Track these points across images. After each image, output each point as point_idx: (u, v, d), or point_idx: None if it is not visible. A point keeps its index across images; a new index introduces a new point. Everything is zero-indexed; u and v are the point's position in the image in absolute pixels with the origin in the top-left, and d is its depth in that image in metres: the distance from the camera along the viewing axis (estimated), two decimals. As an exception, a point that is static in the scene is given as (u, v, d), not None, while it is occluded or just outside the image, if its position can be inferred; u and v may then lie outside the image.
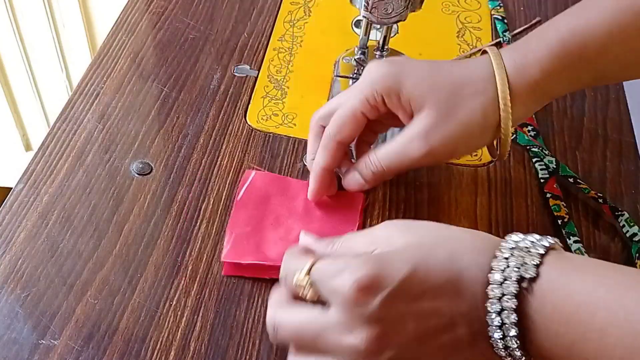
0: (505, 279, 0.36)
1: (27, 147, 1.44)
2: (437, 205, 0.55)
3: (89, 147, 0.58)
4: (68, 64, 1.30)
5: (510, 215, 0.55)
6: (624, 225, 0.53)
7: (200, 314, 0.47)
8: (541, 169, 0.57)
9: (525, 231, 0.53)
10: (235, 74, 0.65)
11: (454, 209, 0.55)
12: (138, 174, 0.56)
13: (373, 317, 0.36)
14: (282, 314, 0.41)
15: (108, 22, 0.82)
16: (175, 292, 0.48)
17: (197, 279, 0.49)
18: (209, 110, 0.61)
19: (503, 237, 0.39)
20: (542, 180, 0.57)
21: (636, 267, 0.51)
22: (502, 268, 0.36)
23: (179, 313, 0.47)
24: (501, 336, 0.36)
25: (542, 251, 0.36)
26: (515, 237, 0.38)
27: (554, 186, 0.56)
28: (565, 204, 0.55)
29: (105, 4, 1.20)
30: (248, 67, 0.66)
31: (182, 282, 0.49)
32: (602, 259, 0.51)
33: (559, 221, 0.54)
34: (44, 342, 0.45)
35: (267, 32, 0.70)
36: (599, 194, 0.55)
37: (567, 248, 0.52)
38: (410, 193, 0.56)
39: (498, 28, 0.71)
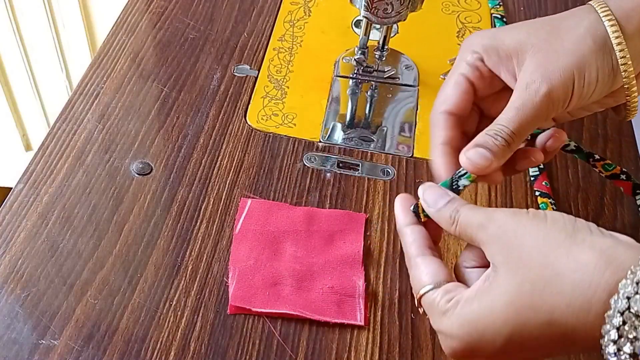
0: (619, 350, 0.32)
1: (27, 147, 1.43)
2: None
3: (89, 147, 0.58)
4: (68, 64, 1.30)
5: (510, 215, 0.55)
6: None
7: (200, 314, 0.47)
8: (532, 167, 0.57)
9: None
10: (235, 74, 0.65)
11: (454, 209, 0.55)
12: (138, 174, 0.56)
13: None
14: None
15: (108, 22, 0.82)
16: (175, 292, 0.48)
17: (197, 279, 0.49)
18: (209, 110, 0.61)
19: None
20: (532, 178, 0.57)
21: None
22: (614, 339, 0.32)
23: (179, 313, 0.47)
24: None
25: None
26: (626, 290, 0.32)
27: (543, 183, 0.56)
28: (553, 201, 0.55)
29: (105, 4, 1.20)
30: (248, 67, 0.66)
31: (182, 282, 0.49)
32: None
33: None
34: (44, 342, 0.45)
35: (267, 32, 0.70)
36: (623, 170, 0.53)
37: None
38: (410, 193, 0.55)
39: (497, 27, 0.71)
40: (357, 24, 0.72)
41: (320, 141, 0.60)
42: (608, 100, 0.46)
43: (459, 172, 0.44)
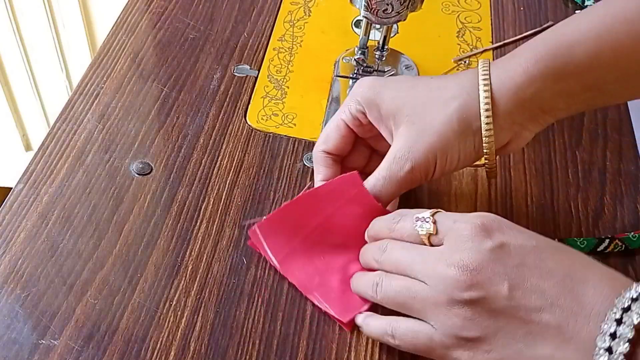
0: (621, 320, 0.35)
1: (27, 147, 1.44)
2: (437, 205, 0.55)
3: (89, 147, 0.58)
4: (68, 64, 1.30)
5: (510, 215, 0.55)
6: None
7: (200, 314, 0.47)
8: None
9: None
10: (235, 74, 0.65)
11: (454, 208, 0.55)
12: (138, 174, 0.56)
13: (477, 255, 0.39)
14: (389, 241, 0.45)
15: (108, 22, 0.82)
16: (175, 292, 0.48)
17: (197, 279, 0.49)
18: (209, 110, 0.61)
19: None
20: None
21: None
22: (623, 307, 0.36)
23: (179, 313, 0.47)
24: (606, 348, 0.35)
25: None
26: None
27: None
28: None
29: (105, 4, 1.20)
30: (248, 67, 0.66)
31: (182, 282, 0.49)
32: (601, 262, 0.52)
33: None
34: (44, 342, 0.45)
35: (267, 32, 0.70)
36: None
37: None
38: (410, 193, 0.55)
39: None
40: (357, 24, 0.72)
41: (320, 141, 0.60)
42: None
43: None
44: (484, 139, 0.46)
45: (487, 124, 0.45)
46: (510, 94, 0.45)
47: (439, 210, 0.44)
